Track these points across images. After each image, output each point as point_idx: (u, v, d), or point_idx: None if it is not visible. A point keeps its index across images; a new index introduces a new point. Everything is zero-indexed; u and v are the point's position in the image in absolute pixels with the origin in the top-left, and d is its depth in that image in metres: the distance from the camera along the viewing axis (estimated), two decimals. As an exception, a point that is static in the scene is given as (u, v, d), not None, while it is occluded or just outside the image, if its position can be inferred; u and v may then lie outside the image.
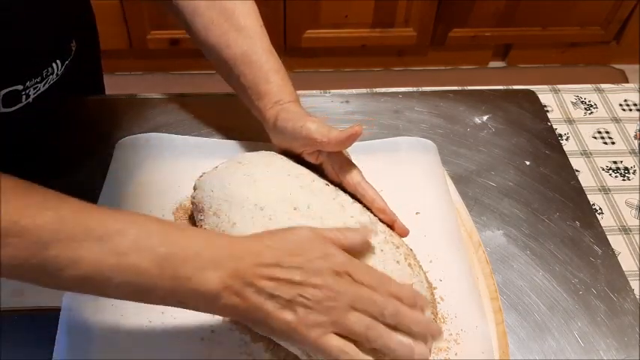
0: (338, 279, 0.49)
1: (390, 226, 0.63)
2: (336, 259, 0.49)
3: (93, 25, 0.89)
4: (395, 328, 0.50)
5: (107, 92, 0.95)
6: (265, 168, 0.63)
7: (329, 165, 0.65)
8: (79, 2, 0.80)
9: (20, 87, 0.66)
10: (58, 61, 0.70)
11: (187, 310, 0.58)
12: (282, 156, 0.67)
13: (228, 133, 0.78)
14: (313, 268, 0.48)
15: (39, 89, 0.68)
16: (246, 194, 0.60)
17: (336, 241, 0.51)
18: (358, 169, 0.65)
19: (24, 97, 0.67)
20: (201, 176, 0.65)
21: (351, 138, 0.61)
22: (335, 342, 0.48)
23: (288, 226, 0.56)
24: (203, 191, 0.63)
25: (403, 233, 0.62)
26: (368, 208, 0.63)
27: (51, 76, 0.69)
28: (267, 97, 0.68)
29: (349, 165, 0.65)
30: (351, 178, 0.64)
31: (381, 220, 0.62)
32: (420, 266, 0.61)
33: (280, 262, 0.48)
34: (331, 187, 0.63)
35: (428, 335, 0.51)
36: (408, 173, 0.72)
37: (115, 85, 0.96)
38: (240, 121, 0.79)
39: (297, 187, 0.61)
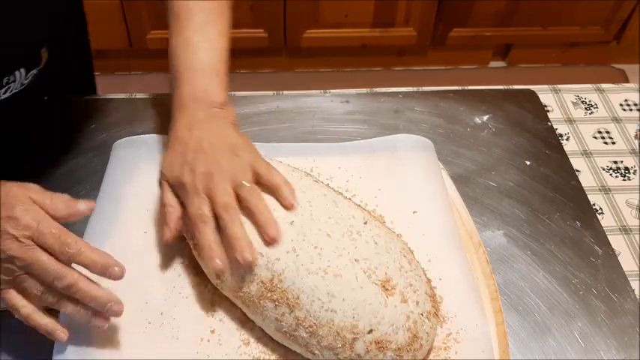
0: (15, 244, 0.50)
1: None
2: (20, 222, 0.51)
3: (82, 28, 0.86)
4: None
5: (107, 92, 0.95)
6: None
7: None
8: (57, 8, 0.72)
9: None
10: (22, 70, 0.66)
11: (187, 311, 0.59)
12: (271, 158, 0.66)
13: (228, 133, 0.78)
14: None
15: None
16: None
17: (42, 204, 0.53)
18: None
19: None
20: None
21: None
22: (11, 297, 0.53)
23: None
24: None
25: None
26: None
27: (12, 84, 0.66)
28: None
29: None
30: None
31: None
32: (418, 262, 0.61)
33: None
34: (320, 183, 0.64)
35: (108, 307, 0.53)
36: (405, 171, 0.72)
37: (114, 84, 0.96)
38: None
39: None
